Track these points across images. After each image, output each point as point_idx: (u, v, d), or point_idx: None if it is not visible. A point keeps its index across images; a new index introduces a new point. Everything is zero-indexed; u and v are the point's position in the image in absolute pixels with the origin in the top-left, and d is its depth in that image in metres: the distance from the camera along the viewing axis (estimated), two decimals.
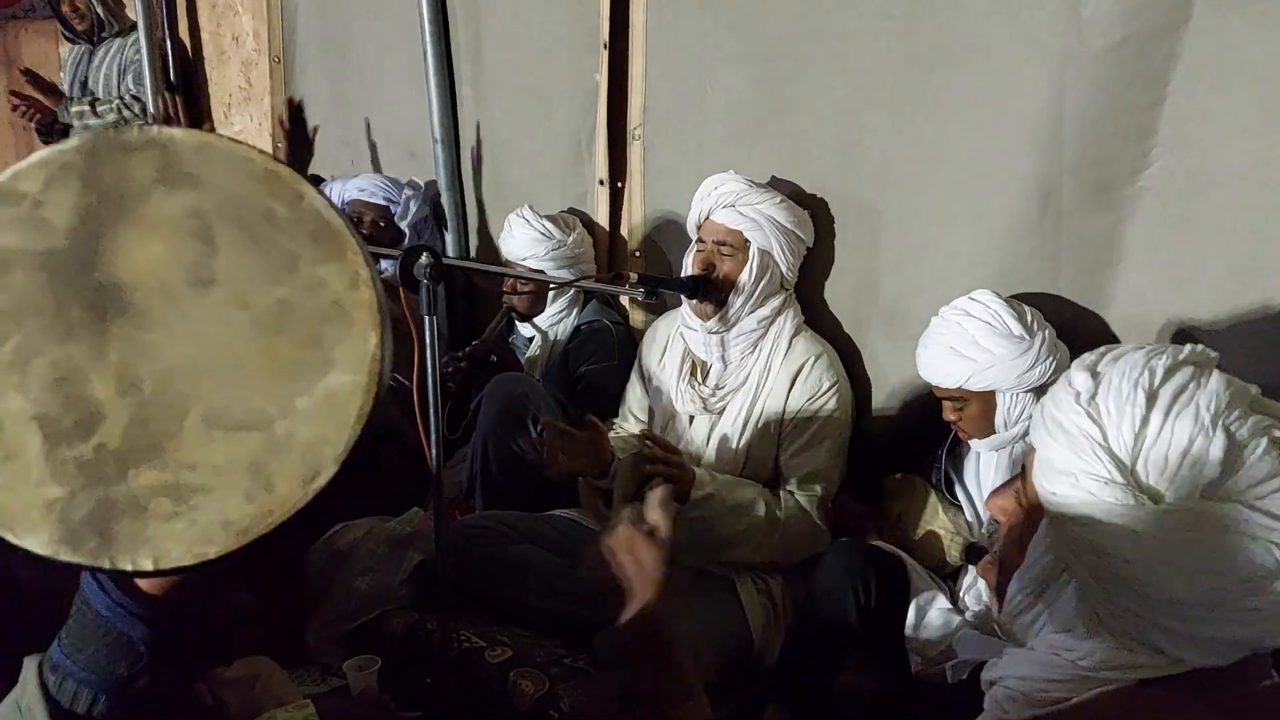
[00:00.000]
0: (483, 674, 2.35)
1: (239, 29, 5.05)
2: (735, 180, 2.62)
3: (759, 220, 2.58)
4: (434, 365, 2.01)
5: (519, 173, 3.71)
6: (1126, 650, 1.05)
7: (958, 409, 2.25)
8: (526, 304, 3.30)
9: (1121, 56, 2.09)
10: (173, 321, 1.00)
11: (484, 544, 2.60)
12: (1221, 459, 0.98)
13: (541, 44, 3.51)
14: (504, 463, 2.86)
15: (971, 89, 2.37)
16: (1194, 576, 0.99)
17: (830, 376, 2.60)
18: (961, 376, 2.17)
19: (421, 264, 2.02)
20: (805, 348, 2.63)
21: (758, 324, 2.62)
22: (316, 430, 0.99)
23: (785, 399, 2.59)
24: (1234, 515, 0.97)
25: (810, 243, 2.70)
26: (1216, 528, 0.98)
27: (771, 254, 2.60)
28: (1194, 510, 0.98)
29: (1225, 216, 2.03)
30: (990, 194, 2.38)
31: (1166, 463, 1.00)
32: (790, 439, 2.59)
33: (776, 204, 2.59)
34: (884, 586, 2.15)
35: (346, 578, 2.63)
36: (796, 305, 2.71)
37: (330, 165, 4.46)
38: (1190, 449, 0.99)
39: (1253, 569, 0.97)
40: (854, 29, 2.57)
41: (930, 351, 2.24)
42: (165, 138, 1.03)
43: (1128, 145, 2.13)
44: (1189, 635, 1.02)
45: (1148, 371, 1.05)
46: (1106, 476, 1.02)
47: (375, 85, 4.26)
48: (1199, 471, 0.99)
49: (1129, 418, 1.03)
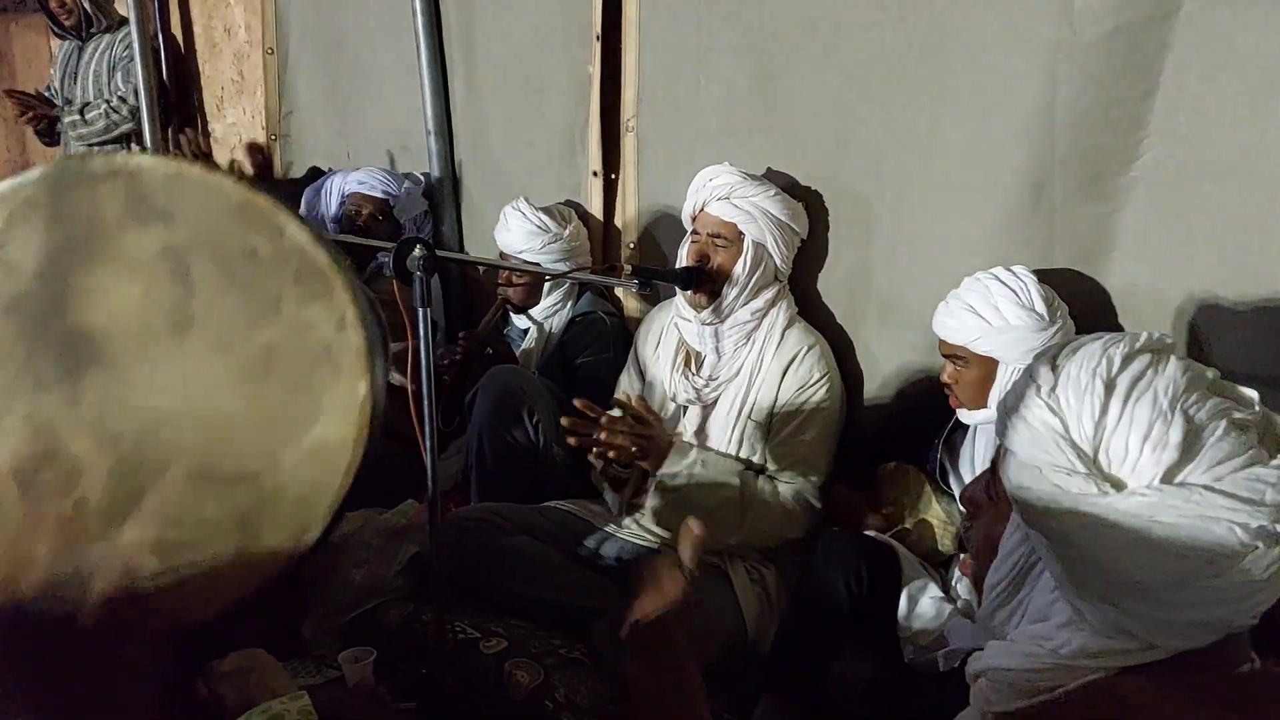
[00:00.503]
0: (478, 665, 2.36)
1: (231, 21, 5.04)
2: (730, 173, 2.62)
3: (753, 213, 2.58)
4: (429, 357, 2.01)
5: (512, 164, 3.71)
6: (1104, 638, 1.06)
7: (956, 370, 2.24)
8: (521, 296, 3.30)
9: (1113, 47, 2.09)
10: (151, 369, 0.95)
11: (479, 535, 2.61)
12: (1181, 442, 1.00)
13: (534, 35, 3.51)
14: (499, 455, 2.86)
15: (964, 80, 2.37)
16: (1159, 561, 1.00)
17: (821, 368, 2.61)
18: (970, 335, 2.17)
19: (415, 256, 2.02)
20: (798, 339, 2.64)
21: (751, 315, 2.64)
22: (306, 483, 0.95)
23: (777, 389, 2.61)
24: (1196, 499, 0.99)
25: (804, 235, 2.71)
26: (1179, 512, 0.99)
27: (765, 246, 2.61)
28: (1156, 495, 1.00)
29: (1216, 206, 2.04)
30: (983, 185, 2.38)
31: (1127, 450, 1.02)
32: (779, 428, 2.61)
33: (770, 196, 2.60)
34: (876, 575, 2.16)
35: (342, 570, 2.64)
36: (790, 297, 2.73)
37: (325, 157, 4.46)
38: (1150, 434, 1.01)
39: (1217, 550, 0.99)
40: (847, 20, 2.57)
41: (949, 305, 2.23)
42: (132, 166, 0.98)
43: (1119, 136, 2.14)
44: (1158, 620, 1.03)
45: (1105, 360, 1.06)
46: (1069, 467, 1.04)
47: (368, 77, 4.26)
48: (1159, 456, 1.00)
49: (1088, 407, 1.04)
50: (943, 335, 2.25)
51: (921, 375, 2.61)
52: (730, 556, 2.58)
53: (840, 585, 2.16)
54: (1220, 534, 0.98)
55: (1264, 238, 1.98)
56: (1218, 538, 0.98)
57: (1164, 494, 1.00)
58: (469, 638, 2.42)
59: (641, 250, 3.29)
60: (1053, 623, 1.11)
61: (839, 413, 2.65)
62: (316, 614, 2.60)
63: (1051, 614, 1.11)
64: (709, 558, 2.57)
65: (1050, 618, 1.11)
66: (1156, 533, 1.00)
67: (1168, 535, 0.99)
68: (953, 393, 2.28)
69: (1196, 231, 2.08)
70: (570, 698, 2.24)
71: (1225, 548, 0.99)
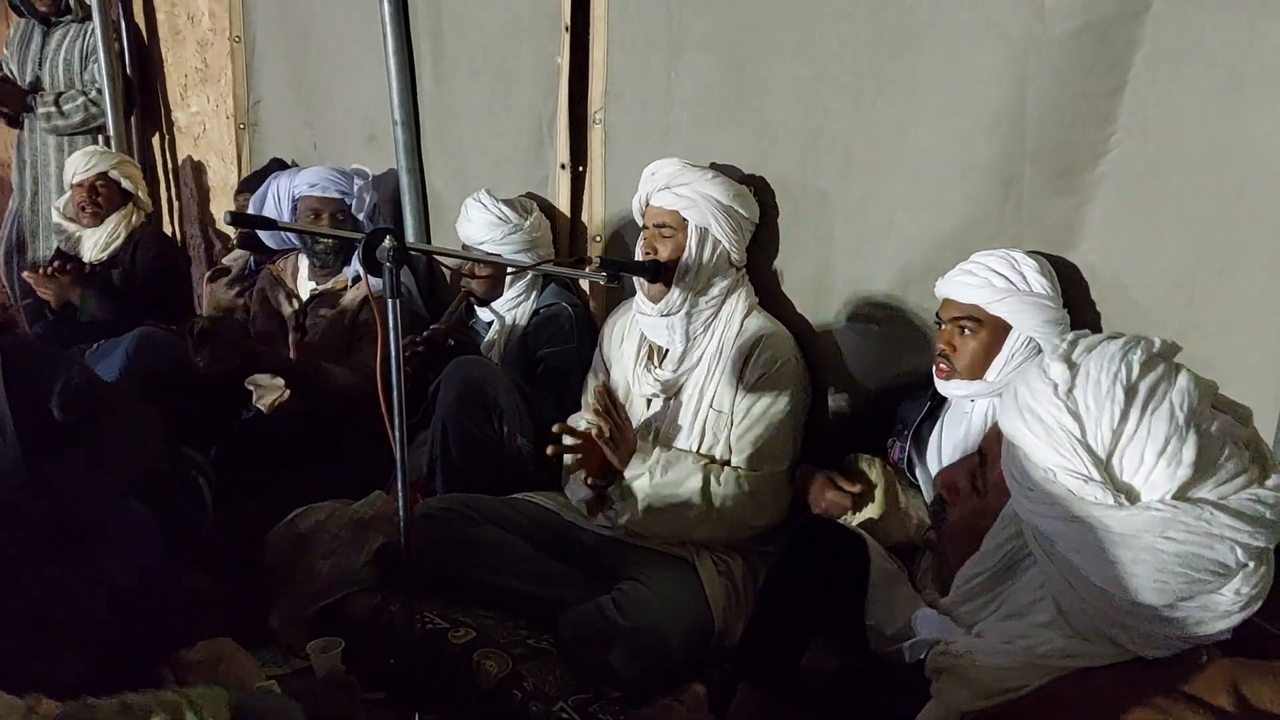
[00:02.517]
0: (446, 655, 2.36)
1: (194, 8, 4.99)
2: (670, 163, 2.67)
3: (694, 198, 2.61)
4: (397, 348, 2.00)
5: (479, 156, 3.69)
6: (1084, 641, 1.07)
7: (961, 336, 2.23)
8: (484, 288, 3.29)
9: (1083, 43, 2.12)
10: None
11: (447, 526, 2.61)
12: (1194, 460, 1.01)
13: (502, 26, 3.49)
14: (463, 446, 2.85)
15: (935, 74, 2.38)
16: (1164, 576, 1.01)
17: (781, 355, 2.62)
18: (993, 295, 2.16)
19: (384, 248, 2.01)
20: (757, 327, 2.66)
21: (707, 304, 2.67)
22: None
23: (738, 378, 2.62)
24: (1206, 516, 1.00)
25: (755, 219, 2.73)
26: (1189, 529, 1.00)
27: (710, 230, 2.63)
28: (1170, 511, 1.01)
29: (1183, 201, 2.07)
30: (953, 179, 2.40)
31: (1142, 461, 1.03)
32: (741, 416, 2.62)
33: (709, 180, 2.63)
34: (844, 565, 2.16)
35: (309, 560, 2.64)
36: (749, 286, 2.75)
37: (291, 147, 4.43)
38: (1165, 449, 1.02)
39: (1215, 568, 1.00)
40: (818, 14, 2.58)
41: (967, 267, 2.22)
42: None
43: (1089, 131, 2.16)
44: (1146, 633, 1.04)
45: (1125, 367, 1.07)
46: (1085, 474, 1.04)
47: (335, 66, 4.22)
48: (1174, 472, 1.01)
49: (1108, 414, 1.05)
50: (955, 295, 2.24)
51: (888, 368, 2.63)
52: (696, 548, 2.59)
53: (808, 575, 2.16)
54: (1221, 552, 1.00)
55: (1230, 232, 2.01)
56: (1218, 556, 1.00)
57: (1177, 510, 1.01)
58: (437, 628, 2.42)
59: (608, 244, 3.28)
60: (1032, 620, 1.12)
61: (802, 399, 2.66)
62: (283, 604, 2.60)
63: (1032, 612, 1.12)
64: (675, 550, 2.58)
65: (1029, 615, 1.12)
66: (1164, 549, 1.01)
67: (1175, 552, 1.00)
68: (948, 361, 2.26)
69: (1164, 226, 2.11)
70: (538, 687, 2.24)
71: (1223, 566, 1.00)
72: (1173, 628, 1.03)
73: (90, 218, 4.26)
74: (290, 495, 2.87)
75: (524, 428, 2.95)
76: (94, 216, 4.27)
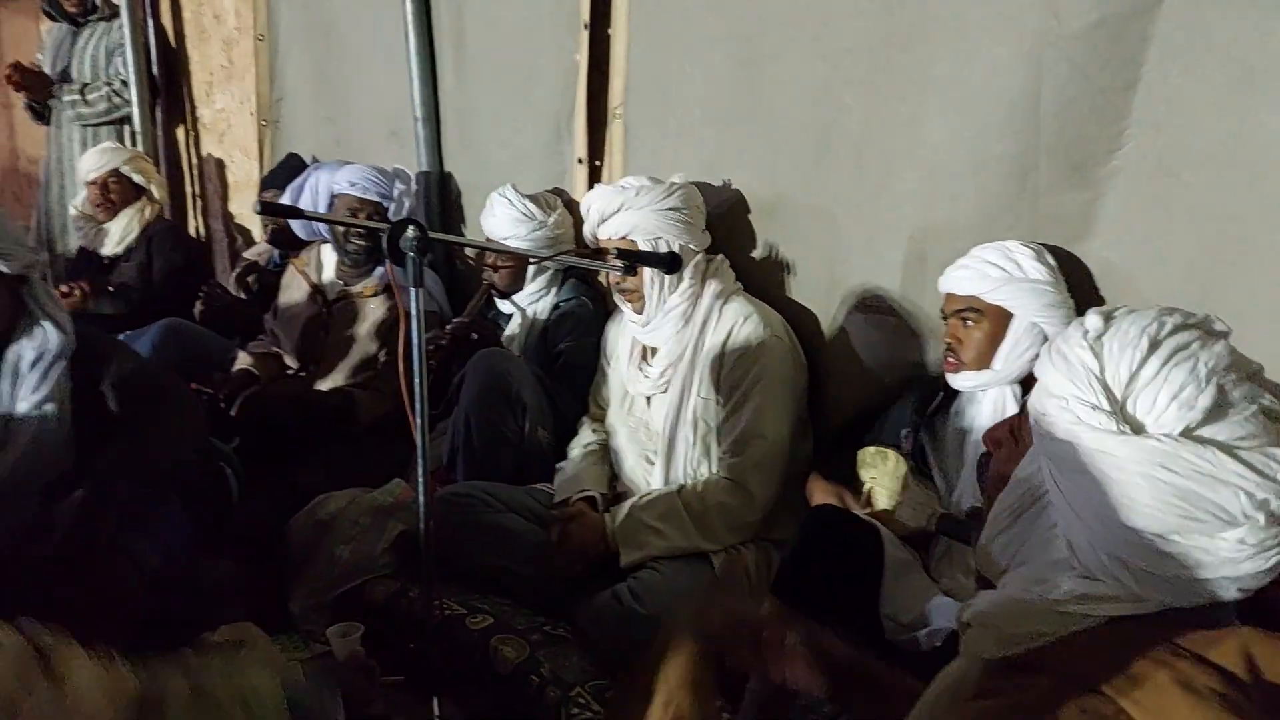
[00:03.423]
0: (464, 640, 2.39)
1: (220, 7, 5.04)
2: (598, 196, 2.76)
3: (633, 220, 2.69)
4: (420, 338, 2.03)
5: (499, 151, 3.73)
6: (1092, 581, 1.09)
7: (964, 328, 2.26)
8: (506, 281, 3.33)
9: (1097, 38, 2.13)
10: None
11: (466, 511, 2.64)
12: (1209, 408, 1.03)
13: (523, 24, 3.53)
14: (486, 437, 2.90)
15: (949, 69, 2.40)
16: (1160, 507, 1.03)
17: (758, 335, 2.64)
18: (988, 285, 2.19)
19: (408, 237, 2.04)
20: (735, 310, 2.70)
21: (682, 298, 2.71)
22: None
23: (719, 362, 2.66)
24: (1210, 457, 1.02)
25: (698, 203, 2.78)
26: (1190, 465, 1.02)
27: (663, 239, 2.68)
28: (1171, 444, 1.03)
29: (1196, 195, 2.07)
30: (967, 173, 2.41)
31: (1155, 404, 1.05)
32: (726, 399, 2.65)
33: (635, 195, 2.69)
34: (857, 555, 2.18)
35: (329, 547, 2.67)
36: (726, 271, 2.79)
37: (313, 143, 4.47)
38: (1180, 394, 1.04)
39: (1217, 510, 1.02)
40: (833, 9, 2.60)
41: (964, 261, 2.26)
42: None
43: (1103, 125, 2.17)
44: (1146, 572, 1.06)
45: (1157, 323, 1.10)
46: (1094, 403, 1.07)
47: (357, 64, 4.27)
48: (1183, 414, 1.04)
49: (1128, 358, 1.08)
50: (954, 289, 2.27)
51: (900, 360, 2.65)
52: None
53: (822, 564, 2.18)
54: (1225, 496, 1.02)
55: (1242, 225, 2.02)
56: (1221, 499, 1.02)
57: (1179, 445, 1.03)
58: (455, 614, 2.45)
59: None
60: (1046, 560, 1.14)
61: (789, 376, 2.68)
62: (304, 590, 2.63)
63: (1046, 551, 1.14)
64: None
65: (1043, 554, 1.14)
66: (1162, 478, 1.03)
67: (1173, 484, 1.03)
68: (955, 354, 2.28)
69: (1176, 219, 2.12)
70: (555, 672, 2.27)
71: (1226, 511, 1.02)
72: (1170, 564, 1.05)
73: (105, 213, 4.37)
74: (311, 483, 2.91)
75: (545, 420, 2.99)
76: (108, 212, 4.37)
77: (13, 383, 2.24)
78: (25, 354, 2.25)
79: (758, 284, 2.88)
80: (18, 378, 2.25)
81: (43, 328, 2.27)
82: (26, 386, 2.24)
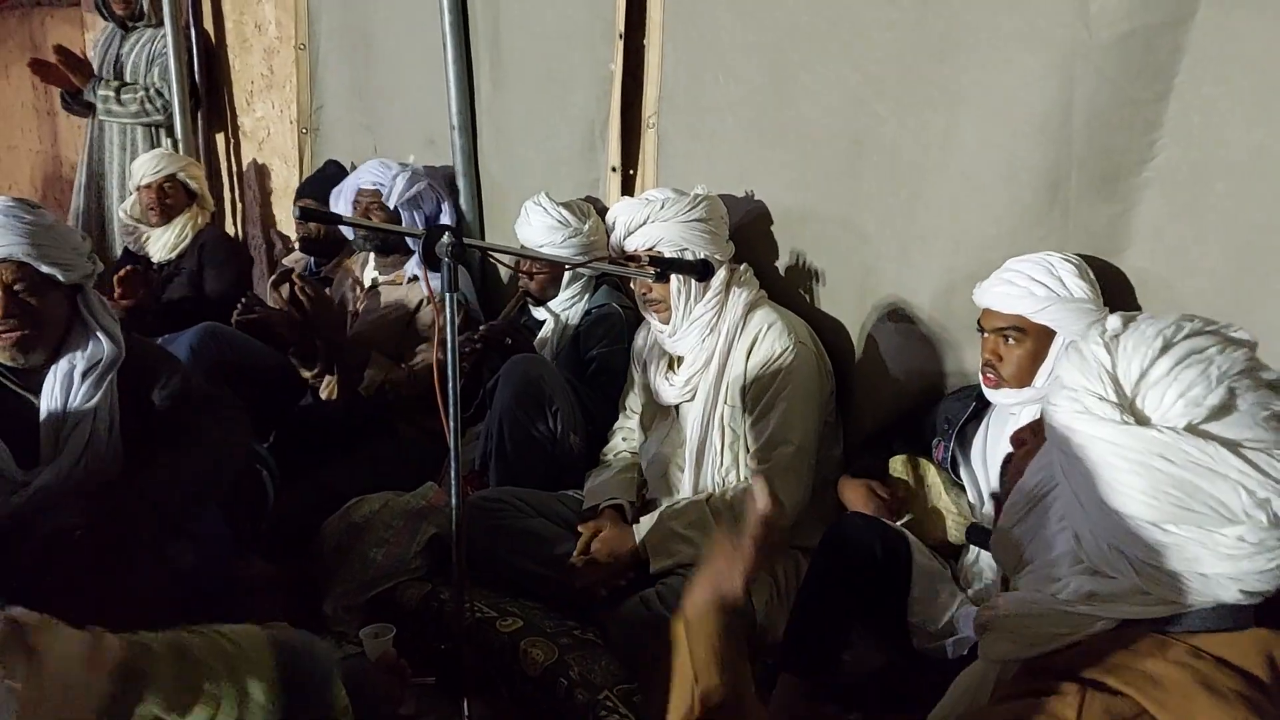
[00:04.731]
0: (494, 643, 2.41)
1: (261, 17, 5.11)
2: (622, 209, 2.79)
3: (658, 232, 2.71)
4: (453, 342, 2.05)
5: (533, 159, 3.76)
6: (1098, 578, 1.11)
7: (1006, 345, 2.23)
8: (540, 287, 3.36)
9: (1129, 49, 2.13)
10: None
11: (498, 517, 2.67)
12: (1216, 406, 1.04)
13: (559, 33, 3.56)
14: (519, 442, 2.91)
15: (981, 79, 2.40)
16: (1156, 496, 1.05)
17: (783, 342, 2.66)
18: (1036, 304, 2.15)
19: (444, 243, 2.07)
20: (760, 318, 2.72)
21: (707, 308, 2.73)
22: None
23: (744, 370, 2.68)
24: (1210, 451, 1.03)
25: (722, 213, 2.80)
26: (1189, 458, 1.03)
27: (689, 250, 2.71)
28: (1172, 436, 1.04)
29: (1227, 206, 2.07)
30: (998, 183, 2.42)
31: (1162, 400, 1.07)
32: (751, 406, 2.67)
33: (660, 209, 2.72)
34: (885, 564, 2.19)
35: (363, 549, 2.70)
36: (751, 280, 2.81)
37: (351, 151, 4.51)
38: (1188, 393, 1.06)
39: (1215, 505, 1.03)
40: (865, 19, 2.61)
41: (1006, 276, 2.22)
42: None
43: (1134, 137, 2.17)
44: (1145, 563, 1.07)
45: (1174, 327, 1.12)
46: (1101, 394, 1.09)
47: (395, 73, 4.31)
48: (1190, 411, 1.05)
49: (1140, 356, 1.10)
50: (996, 305, 2.22)
51: (931, 370, 2.65)
52: None
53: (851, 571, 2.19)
54: (1224, 491, 1.03)
55: (1274, 236, 2.02)
56: (1220, 493, 1.03)
57: (1179, 437, 1.04)
58: (486, 616, 2.48)
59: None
60: (1055, 553, 1.16)
61: (814, 383, 2.69)
62: (336, 592, 2.66)
63: (1057, 543, 1.16)
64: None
65: (1055, 546, 1.16)
66: (1158, 467, 1.04)
67: (1171, 474, 1.04)
68: (995, 371, 2.25)
69: (1208, 230, 2.11)
70: (584, 676, 2.29)
71: (1225, 507, 1.03)
72: (1168, 557, 1.06)
73: (158, 218, 4.39)
74: (345, 485, 2.94)
75: (576, 425, 3.01)
76: (162, 217, 4.40)
77: (65, 390, 2.29)
78: (79, 363, 2.30)
79: (786, 293, 2.90)
80: (70, 386, 2.30)
81: (97, 339, 2.32)
82: (81, 396, 2.29)
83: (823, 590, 2.21)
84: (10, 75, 7.27)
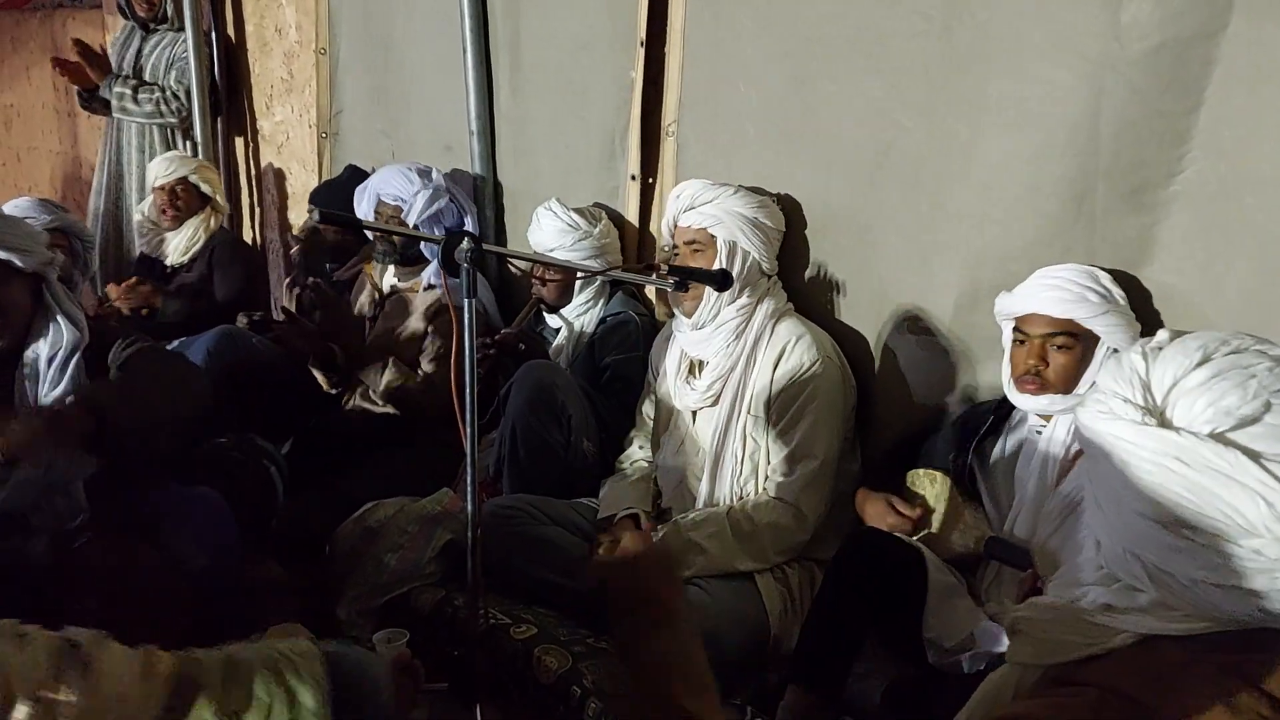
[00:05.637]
0: (508, 649, 2.40)
1: (282, 21, 5.11)
2: (694, 184, 2.76)
3: (719, 214, 2.70)
4: (470, 348, 2.04)
5: (552, 166, 3.76)
6: (1117, 589, 1.10)
7: (1054, 352, 2.20)
8: (554, 294, 3.35)
9: (1159, 62, 2.12)
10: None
11: (513, 524, 2.66)
12: (1245, 416, 1.03)
13: (579, 41, 3.56)
14: (532, 448, 2.91)
15: (1007, 91, 2.39)
16: (1171, 498, 1.03)
17: (811, 355, 2.65)
18: (1091, 310, 2.14)
19: (463, 249, 2.06)
20: (787, 330, 2.71)
21: (737, 313, 2.73)
22: None
23: (770, 381, 2.67)
24: (1230, 458, 1.02)
25: (781, 227, 2.80)
26: (1209, 464, 1.02)
27: (738, 244, 2.70)
28: (1192, 440, 1.03)
29: (1256, 220, 2.06)
30: (1024, 195, 2.40)
31: (1192, 409, 1.05)
32: (776, 419, 2.65)
33: (731, 195, 2.71)
34: (899, 578, 2.17)
35: (377, 554, 2.70)
36: (779, 291, 2.81)
37: (370, 156, 4.52)
38: (1220, 402, 1.04)
39: (1232, 513, 1.01)
40: (890, 29, 2.60)
41: (1052, 282, 2.19)
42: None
43: (1163, 149, 2.16)
44: (1159, 569, 1.06)
45: (1220, 341, 1.10)
46: (1128, 397, 1.08)
47: (415, 78, 4.31)
48: (1217, 419, 1.04)
49: (1175, 365, 1.08)
50: (1048, 310, 2.18)
51: (950, 383, 2.63)
52: None
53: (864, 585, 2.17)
54: (1242, 500, 1.01)
55: None
56: (1237, 502, 1.01)
57: (1200, 441, 1.03)
58: (500, 623, 2.46)
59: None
60: (1080, 557, 1.15)
61: (839, 397, 2.69)
62: (351, 596, 2.66)
63: (1083, 546, 1.15)
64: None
65: (1080, 551, 1.15)
66: (1174, 469, 1.03)
67: (1184, 475, 1.03)
68: (1039, 377, 2.20)
69: (1236, 244, 2.10)
70: (597, 684, 2.27)
71: (1243, 516, 1.01)
72: (1183, 564, 1.04)
73: (171, 220, 4.41)
74: (360, 491, 2.93)
75: (590, 433, 3.00)
76: (174, 219, 4.41)
77: (35, 382, 2.31)
78: (42, 353, 2.33)
79: (807, 303, 2.88)
80: (38, 377, 2.31)
81: (57, 324, 2.34)
82: (48, 384, 2.31)
83: (836, 603, 2.20)
84: (31, 77, 7.30)
